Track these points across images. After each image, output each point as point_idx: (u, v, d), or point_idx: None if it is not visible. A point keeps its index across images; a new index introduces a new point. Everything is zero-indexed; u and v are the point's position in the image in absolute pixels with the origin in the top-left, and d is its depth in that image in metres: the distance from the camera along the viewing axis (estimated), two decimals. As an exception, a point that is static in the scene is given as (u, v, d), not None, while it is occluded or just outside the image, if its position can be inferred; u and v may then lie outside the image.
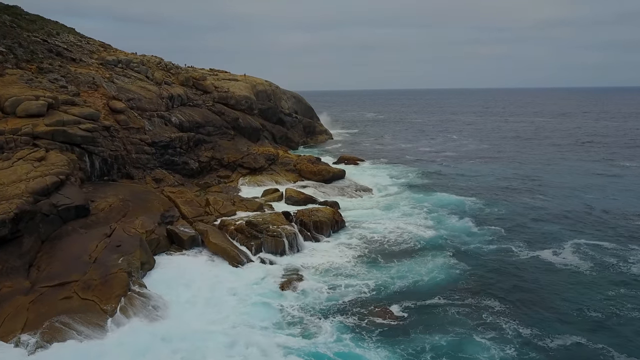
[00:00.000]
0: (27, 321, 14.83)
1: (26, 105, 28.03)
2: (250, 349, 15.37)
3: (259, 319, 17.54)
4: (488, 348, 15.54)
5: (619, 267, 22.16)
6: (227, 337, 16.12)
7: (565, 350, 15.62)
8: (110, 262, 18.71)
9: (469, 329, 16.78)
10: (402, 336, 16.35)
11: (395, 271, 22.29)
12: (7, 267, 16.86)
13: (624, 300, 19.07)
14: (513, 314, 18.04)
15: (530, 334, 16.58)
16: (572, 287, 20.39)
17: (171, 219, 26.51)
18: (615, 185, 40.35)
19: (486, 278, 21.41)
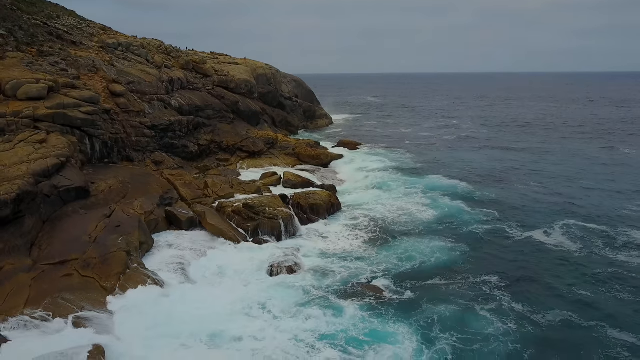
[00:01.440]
0: (29, 297, 15.46)
1: (27, 88, 28.37)
2: (275, 331, 15.98)
3: (279, 299, 18.18)
4: (488, 320, 16.80)
5: (606, 249, 22.85)
6: (245, 317, 16.81)
7: (557, 322, 16.72)
8: (109, 242, 19.29)
9: (470, 303, 17.96)
10: (414, 310, 17.47)
11: (396, 252, 23.10)
12: (10, 246, 17.45)
13: (610, 279, 19.89)
14: (509, 290, 19.08)
15: (524, 308, 17.68)
16: (563, 266, 21.29)
17: (170, 200, 27.03)
18: (612, 171, 40.68)
19: (483, 258, 22.39)
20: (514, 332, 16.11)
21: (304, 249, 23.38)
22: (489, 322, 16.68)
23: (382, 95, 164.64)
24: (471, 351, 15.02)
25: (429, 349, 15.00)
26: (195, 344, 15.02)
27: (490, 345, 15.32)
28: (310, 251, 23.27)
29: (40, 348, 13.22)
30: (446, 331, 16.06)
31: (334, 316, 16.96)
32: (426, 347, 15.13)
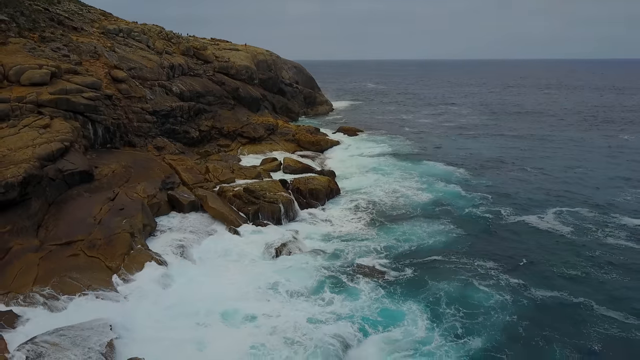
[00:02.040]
0: (38, 276, 16.04)
1: (30, 74, 28.71)
2: (290, 311, 16.58)
3: (287, 280, 18.77)
4: (488, 294, 17.83)
5: (597, 232, 23.52)
6: (255, 298, 17.38)
7: (548, 298, 17.69)
8: (113, 224, 19.84)
9: (469, 280, 18.89)
10: (420, 288, 18.32)
11: (395, 234, 23.88)
12: (18, 227, 18.00)
13: (599, 260, 20.68)
14: (503, 268, 19.97)
15: (519, 284, 18.60)
16: (555, 248, 22.06)
17: (172, 185, 27.53)
18: (610, 158, 41.06)
19: (478, 239, 23.18)
20: (511, 305, 17.09)
21: (304, 231, 23.96)
22: (489, 296, 17.67)
23: (383, 81, 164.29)
24: (477, 324, 15.91)
25: (439, 325, 15.83)
26: (212, 322, 15.56)
27: (492, 317, 16.31)
28: (312, 234, 23.87)
29: (49, 324, 13.83)
30: (451, 306, 16.97)
31: (347, 296, 17.66)
32: (436, 323, 15.97)
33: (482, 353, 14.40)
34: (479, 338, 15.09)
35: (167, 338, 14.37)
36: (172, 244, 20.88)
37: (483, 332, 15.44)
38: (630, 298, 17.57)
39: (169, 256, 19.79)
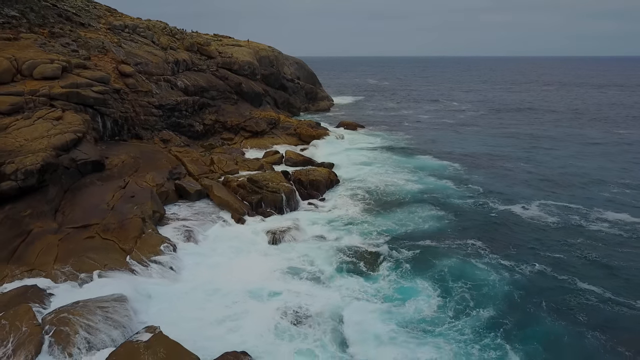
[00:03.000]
0: (58, 255, 17.25)
1: (42, 68, 29.87)
2: (316, 290, 17.88)
3: (300, 263, 20.17)
4: (486, 270, 19.51)
5: (579, 222, 24.79)
6: (275, 280, 18.59)
7: (536, 274, 19.36)
8: (125, 209, 21.05)
9: (467, 259, 20.56)
10: (425, 266, 19.86)
11: (392, 219, 25.36)
12: (37, 211, 19.20)
13: (580, 244, 22.14)
14: (494, 249, 21.58)
15: (510, 263, 20.24)
16: (538, 234, 23.45)
17: (178, 175, 28.73)
18: (604, 154, 42.11)
19: (468, 225, 24.58)
20: (507, 279, 18.69)
21: (306, 219, 25.13)
22: (487, 272, 19.24)
23: (385, 78, 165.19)
24: (482, 295, 17.52)
25: (451, 298, 17.37)
26: (241, 299, 16.77)
27: (494, 289, 17.92)
28: (314, 220, 25.10)
29: (70, 297, 15.05)
30: (457, 281, 18.47)
31: (364, 277, 19.09)
32: (448, 296, 17.50)
33: (491, 319, 16.10)
34: (486, 307, 16.78)
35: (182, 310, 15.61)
36: (180, 229, 22.07)
37: (489, 302, 17.10)
38: (604, 275, 19.23)
39: (177, 240, 20.98)
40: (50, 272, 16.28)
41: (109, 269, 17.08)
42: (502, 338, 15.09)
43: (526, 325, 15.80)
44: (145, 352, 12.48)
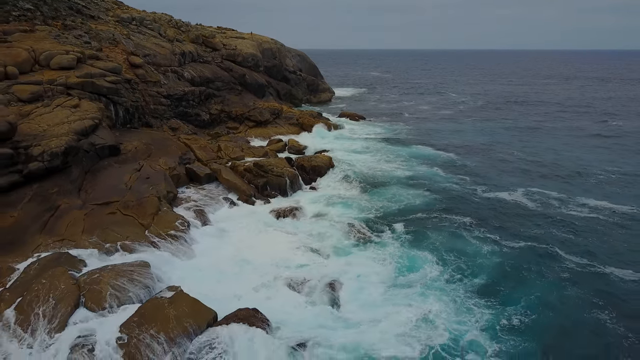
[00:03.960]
0: (84, 228, 18.99)
1: (59, 59, 31.50)
2: (335, 262, 19.79)
3: (314, 240, 21.99)
4: (476, 244, 21.55)
5: (559, 207, 26.50)
6: (295, 254, 20.38)
7: (522, 247, 21.35)
8: (142, 189, 22.77)
9: (458, 232, 22.75)
10: (422, 239, 21.98)
11: (386, 197, 27.62)
12: (63, 189, 20.91)
13: (559, 224, 24.02)
14: (481, 226, 23.59)
15: (496, 237, 22.23)
16: (521, 215, 25.32)
17: (188, 161, 30.43)
18: (596, 145, 43.66)
19: (455, 204, 26.62)
20: (497, 251, 20.70)
21: (309, 199, 26.96)
22: (478, 245, 21.25)
23: (385, 71, 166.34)
24: (476, 264, 19.48)
25: (449, 267, 19.30)
26: (269, 269, 18.53)
27: (485, 260, 19.93)
28: (316, 200, 27.02)
29: (98, 263, 16.83)
30: (452, 252, 20.45)
31: (368, 247, 21.13)
32: (447, 265, 19.42)
33: (486, 284, 18.02)
34: (480, 274, 18.75)
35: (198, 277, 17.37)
36: (192, 208, 23.81)
37: (482, 270, 19.04)
38: (580, 248, 21.24)
39: (190, 218, 22.70)
40: (79, 242, 18.02)
41: (131, 240, 18.81)
42: (495, 296, 17.13)
43: (515, 286, 17.81)
44: (169, 307, 14.24)
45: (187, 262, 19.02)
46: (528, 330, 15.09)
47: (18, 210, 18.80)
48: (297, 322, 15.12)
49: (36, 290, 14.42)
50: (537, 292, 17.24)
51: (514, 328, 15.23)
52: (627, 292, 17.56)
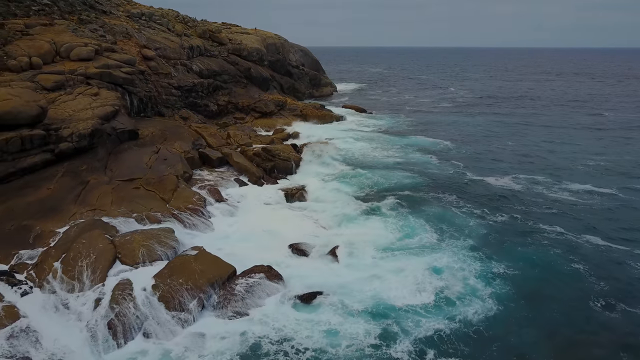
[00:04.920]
0: (113, 200, 21.02)
1: (78, 50, 33.52)
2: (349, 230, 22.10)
3: (325, 214, 24.34)
4: (463, 217, 23.66)
5: (542, 190, 28.43)
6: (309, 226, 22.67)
7: (506, 220, 23.58)
8: (161, 169, 24.84)
9: (446, 207, 25.04)
10: (416, 210, 24.15)
11: (379, 174, 30.13)
12: (91, 167, 22.96)
13: (541, 204, 26.06)
14: (467, 202, 25.72)
15: (481, 211, 24.53)
16: (506, 196, 27.27)
17: (200, 146, 32.47)
18: (587, 136, 45.58)
19: (444, 185, 28.84)
20: (482, 223, 22.88)
21: (313, 179, 29.03)
22: (466, 219, 23.39)
23: (387, 67, 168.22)
24: (466, 233, 21.66)
25: (444, 234, 21.51)
26: (279, 237, 20.58)
27: (473, 229, 22.16)
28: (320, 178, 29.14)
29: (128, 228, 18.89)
30: (443, 223, 22.63)
31: (376, 219, 23.21)
32: (442, 232, 21.63)
33: (474, 246, 20.25)
34: (469, 239, 20.97)
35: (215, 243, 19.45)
36: (206, 187, 25.83)
37: (470, 236, 21.27)
38: (557, 222, 23.18)
39: (205, 196, 24.74)
40: (109, 211, 20.05)
41: (154, 212, 20.85)
42: (483, 255, 19.41)
43: (499, 249, 20.04)
44: (194, 262, 16.32)
45: (204, 232, 21.06)
46: (512, 279, 17.52)
47: (54, 184, 20.88)
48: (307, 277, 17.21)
49: (78, 248, 16.47)
50: (518, 253, 19.49)
51: (501, 277, 17.69)
52: (595, 253, 19.86)
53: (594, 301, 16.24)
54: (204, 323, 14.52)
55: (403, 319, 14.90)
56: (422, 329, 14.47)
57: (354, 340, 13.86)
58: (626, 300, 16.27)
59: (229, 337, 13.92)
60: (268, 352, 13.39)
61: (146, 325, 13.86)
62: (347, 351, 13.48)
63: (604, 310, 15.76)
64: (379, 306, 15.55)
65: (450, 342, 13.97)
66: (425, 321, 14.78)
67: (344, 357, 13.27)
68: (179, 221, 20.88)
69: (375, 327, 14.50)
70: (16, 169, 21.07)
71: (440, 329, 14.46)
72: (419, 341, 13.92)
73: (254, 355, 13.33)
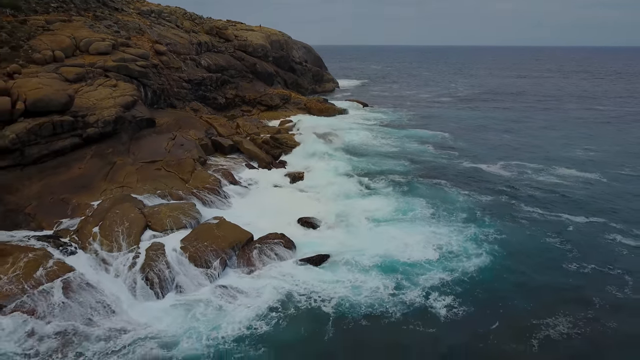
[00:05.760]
0: (138, 179, 23.08)
1: (97, 45, 35.56)
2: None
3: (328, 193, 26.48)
4: (453, 195, 26.12)
5: (530, 175, 30.64)
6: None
7: (494, 198, 25.92)
8: (179, 153, 26.89)
9: (439, 187, 27.22)
10: (412, 189, 26.61)
11: (372, 161, 32.45)
12: (116, 150, 25.01)
13: (526, 185, 28.38)
14: (457, 186, 27.94)
15: (469, 190, 26.97)
16: (495, 181, 29.41)
17: (212, 135, 34.51)
18: (580, 126, 47.63)
19: (438, 170, 31.24)
20: (472, 201, 25.27)
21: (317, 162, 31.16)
22: (455, 196, 25.81)
23: (388, 64, 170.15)
24: (457, 208, 23.98)
25: (438, 209, 23.75)
26: (289, 213, 22.57)
27: (462, 205, 24.51)
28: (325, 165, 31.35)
29: (154, 202, 20.93)
30: (436, 200, 24.91)
31: (376, 196, 25.44)
32: (436, 207, 23.84)
33: (465, 218, 22.70)
34: (459, 213, 23.37)
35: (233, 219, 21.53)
36: (220, 170, 27.88)
37: (461, 211, 23.69)
38: (541, 201, 25.46)
39: (220, 178, 26.79)
40: (135, 188, 22.10)
41: (176, 190, 22.91)
42: (473, 225, 21.90)
43: (487, 221, 22.42)
44: (216, 229, 18.38)
45: (222, 208, 23.08)
46: (499, 243, 20.03)
47: (84, 164, 22.96)
48: (316, 245, 19.29)
49: (112, 217, 18.53)
50: (504, 224, 21.94)
51: (489, 241, 20.18)
52: (571, 225, 22.27)
53: (564, 260, 18.91)
54: (228, 279, 16.60)
55: (411, 273, 17.42)
56: (428, 278, 17.13)
57: (371, 291, 16.24)
58: (588, 259, 18.90)
59: (252, 290, 16.01)
60: (298, 301, 15.62)
61: (178, 279, 15.92)
62: (367, 299, 15.77)
63: (570, 266, 18.48)
64: (387, 263, 17.96)
65: (451, 287, 16.66)
66: (430, 273, 17.49)
67: (365, 304, 15.50)
68: (199, 199, 22.88)
69: (387, 279, 16.93)
70: (49, 151, 23.13)
71: (443, 278, 17.20)
72: (427, 288, 16.55)
73: (284, 303, 15.49)
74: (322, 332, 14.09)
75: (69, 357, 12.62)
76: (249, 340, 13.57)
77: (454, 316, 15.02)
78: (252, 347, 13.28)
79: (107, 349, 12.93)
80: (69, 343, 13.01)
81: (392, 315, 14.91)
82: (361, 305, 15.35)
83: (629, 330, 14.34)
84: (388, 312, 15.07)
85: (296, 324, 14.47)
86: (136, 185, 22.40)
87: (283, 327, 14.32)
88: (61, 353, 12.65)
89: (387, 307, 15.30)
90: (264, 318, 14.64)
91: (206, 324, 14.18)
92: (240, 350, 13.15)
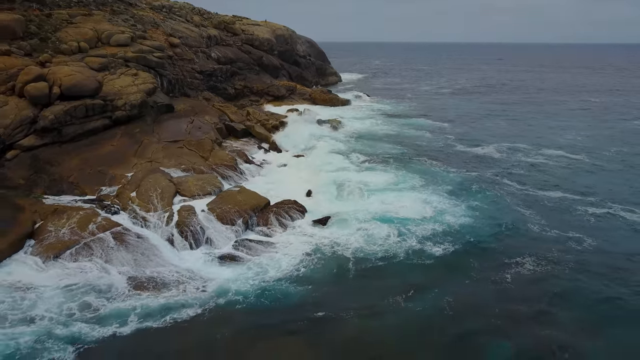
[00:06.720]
0: (163, 156, 25.68)
1: (117, 37, 38.10)
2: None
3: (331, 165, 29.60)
4: (443, 171, 29.15)
5: (520, 156, 33.30)
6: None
7: (481, 174, 28.41)
8: (198, 134, 29.49)
9: (431, 165, 30.06)
10: (407, 166, 29.60)
11: (371, 144, 35.09)
12: (142, 130, 27.60)
13: (514, 166, 30.87)
14: (449, 165, 30.73)
15: (460, 169, 29.58)
16: (486, 160, 32.20)
17: (225, 120, 37.08)
18: (573, 115, 50.07)
19: (432, 151, 34.08)
20: (461, 176, 28.10)
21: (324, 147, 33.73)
22: (447, 173, 28.53)
23: (392, 60, 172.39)
24: (445, 181, 26.77)
25: (429, 181, 26.55)
26: (300, 186, 25.18)
27: (451, 180, 27.04)
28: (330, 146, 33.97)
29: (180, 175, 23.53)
30: (427, 175, 27.73)
31: (375, 171, 28.31)
32: (426, 180, 26.58)
33: (453, 190, 25.36)
34: (448, 186, 26.13)
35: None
36: (235, 151, 30.48)
37: (450, 184, 26.37)
38: (524, 179, 27.92)
39: (236, 157, 29.38)
40: (162, 163, 24.70)
41: (198, 165, 25.51)
42: (460, 195, 24.58)
43: (473, 193, 25.20)
44: (237, 195, 21.00)
45: (240, 182, 25.66)
46: (482, 209, 22.78)
47: (115, 142, 25.58)
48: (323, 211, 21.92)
49: (146, 185, 21.15)
50: (487, 197, 24.56)
51: (473, 207, 23.04)
52: (551, 200, 24.65)
53: (536, 225, 21.43)
54: (251, 235, 19.22)
55: (407, 225, 20.47)
56: (422, 229, 20.38)
57: (376, 238, 19.43)
58: (554, 223, 21.47)
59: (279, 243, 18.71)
60: (323, 250, 18.48)
61: (208, 234, 18.53)
62: (376, 247, 18.80)
63: (542, 231, 20.84)
64: (387, 218, 20.92)
65: (441, 236, 19.93)
66: (423, 225, 20.71)
67: (380, 250, 18.61)
68: (218, 174, 25.46)
69: (388, 229, 20.08)
70: (83, 130, 25.77)
71: (435, 228, 20.51)
72: (421, 236, 19.77)
73: (314, 251, 18.36)
74: (347, 271, 17.10)
75: (130, 292, 15.22)
76: (289, 280, 16.29)
77: (444, 255, 18.34)
78: (293, 285, 15.96)
79: (158, 285, 15.51)
80: (124, 281, 15.62)
81: (397, 256, 18.26)
82: (375, 250, 18.55)
83: (580, 269, 17.32)
84: (396, 254, 18.33)
85: (326, 266, 17.36)
86: (163, 161, 25.01)
87: (317, 268, 17.18)
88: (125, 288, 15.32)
89: (394, 251, 18.50)
90: (300, 263, 17.47)
91: (242, 270, 16.78)
92: (282, 288, 15.77)
